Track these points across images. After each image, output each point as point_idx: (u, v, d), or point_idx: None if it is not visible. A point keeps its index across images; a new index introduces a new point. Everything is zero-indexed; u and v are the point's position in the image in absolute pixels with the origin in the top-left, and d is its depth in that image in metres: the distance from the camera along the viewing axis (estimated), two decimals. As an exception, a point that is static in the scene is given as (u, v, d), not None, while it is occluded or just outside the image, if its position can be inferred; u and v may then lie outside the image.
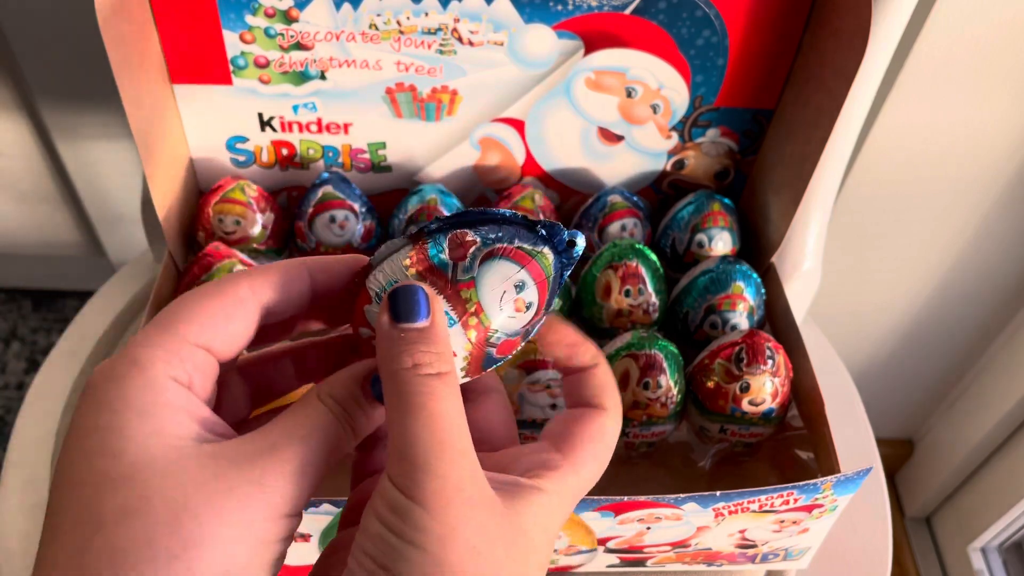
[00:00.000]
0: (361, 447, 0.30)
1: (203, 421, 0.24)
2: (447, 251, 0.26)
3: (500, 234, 0.26)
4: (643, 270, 0.51)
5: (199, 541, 0.22)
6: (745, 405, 0.47)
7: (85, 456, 0.23)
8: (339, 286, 0.28)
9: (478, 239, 0.26)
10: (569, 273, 0.28)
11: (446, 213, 0.55)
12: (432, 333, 0.25)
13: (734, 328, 0.52)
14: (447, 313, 0.26)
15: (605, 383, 0.30)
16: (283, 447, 0.24)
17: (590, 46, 0.52)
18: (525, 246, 0.26)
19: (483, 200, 0.60)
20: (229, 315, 0.26)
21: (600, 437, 0.29)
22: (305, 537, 0.43)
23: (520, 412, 0.48)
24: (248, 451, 0.24)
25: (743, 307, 0.52)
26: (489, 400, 0.30)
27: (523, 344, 0.28)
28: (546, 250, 0.27)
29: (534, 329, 0.28)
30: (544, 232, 0.27)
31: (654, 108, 0.55)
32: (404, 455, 0.23)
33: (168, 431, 0.23)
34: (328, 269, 0.28)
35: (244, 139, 0.56)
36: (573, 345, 0.30)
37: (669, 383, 0.47)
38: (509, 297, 0.26)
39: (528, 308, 0.26)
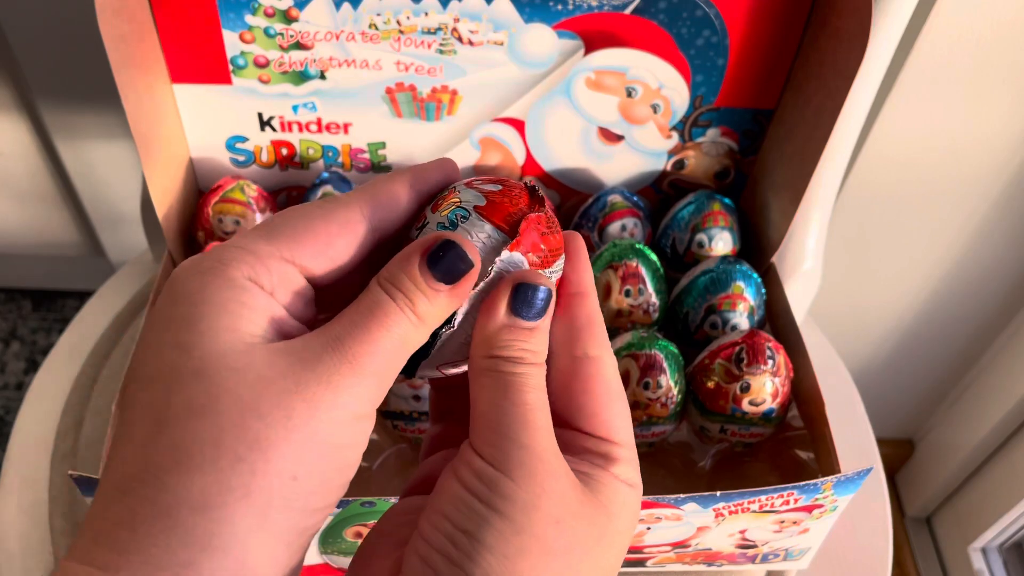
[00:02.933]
0: (438, 419, 0.31)
1: (280, 323, 0.24)
2: (549, 239, 0.26)
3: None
4: (643, 270, 0.51)
5: (265, 443, 0.21)
6: (745, 405, 0.47)
7: (158, 349, 0.23)
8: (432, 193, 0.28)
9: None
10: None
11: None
12: (542, 333, 0.26)
13: (734, 328, 0.52)
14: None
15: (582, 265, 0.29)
16: (347, 340, 0.23)
17: (590, 46, 0.52)
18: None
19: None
20: (332, 238, 0.25)
21: (616, 386, 0.28)
22: (305, 537, 0.43)
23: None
24: (314, 346, 0.23)
25: (743, 307, 0.52)
26: None
27: None
28: None
29: None
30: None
31: (654, 108, 0.55)
32: (492, 427, 0.24)
33: (242, 328, 0.23)
34: (426, 178, 0.28)
35: (244, 139, 0.56)
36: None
37: (669, 383, 0.47)
38: None
39: None
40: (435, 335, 0.26)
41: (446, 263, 0.24)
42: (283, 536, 0.22)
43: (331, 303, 0.26)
